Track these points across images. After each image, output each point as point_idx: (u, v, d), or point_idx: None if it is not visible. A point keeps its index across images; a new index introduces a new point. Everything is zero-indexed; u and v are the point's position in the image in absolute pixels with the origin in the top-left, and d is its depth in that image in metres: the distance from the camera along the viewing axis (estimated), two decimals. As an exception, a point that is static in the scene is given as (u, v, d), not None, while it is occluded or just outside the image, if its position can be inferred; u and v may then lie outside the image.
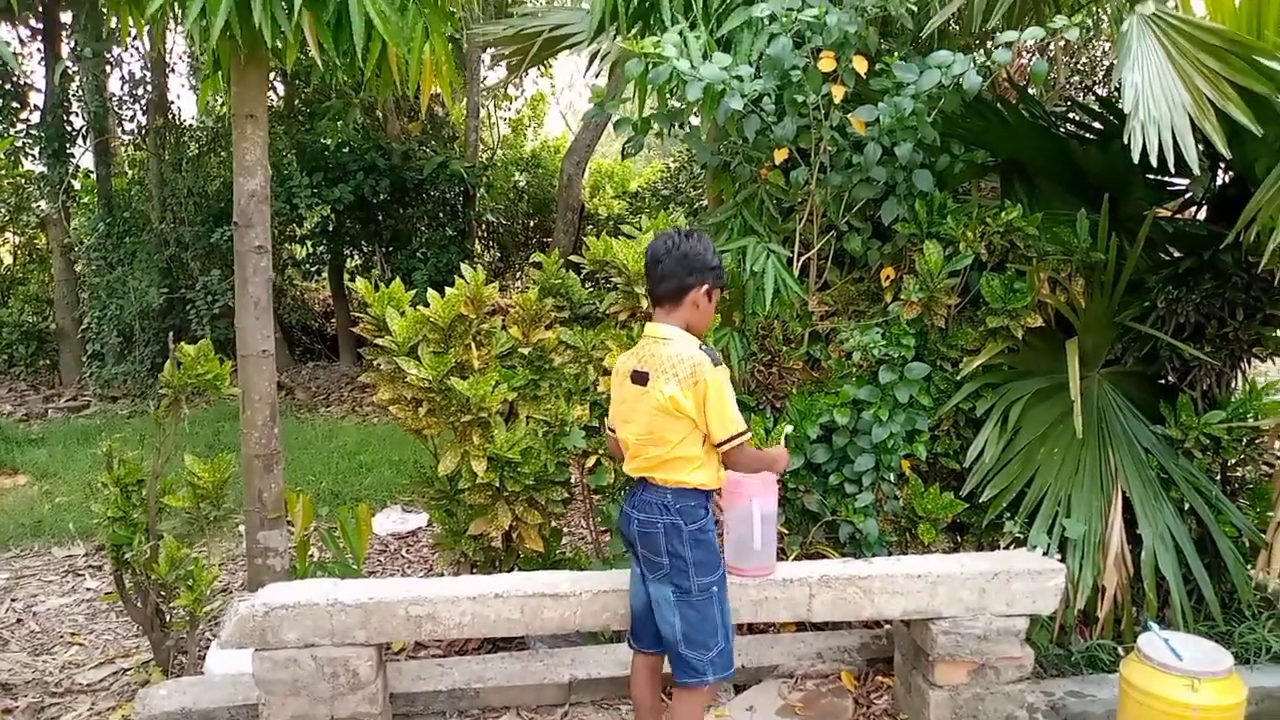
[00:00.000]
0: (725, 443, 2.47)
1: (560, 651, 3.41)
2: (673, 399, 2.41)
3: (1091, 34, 5.01)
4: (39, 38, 9.74)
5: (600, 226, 11.19)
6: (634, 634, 2.73)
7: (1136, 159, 2.77)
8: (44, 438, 7.55)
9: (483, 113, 11.90)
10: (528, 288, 3.57)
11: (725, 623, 2.56)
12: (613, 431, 2.69)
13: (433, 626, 2.83)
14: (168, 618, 3.40)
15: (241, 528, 4.14)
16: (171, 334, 3.52)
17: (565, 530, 4.55)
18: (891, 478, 3.47)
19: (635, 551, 2.61)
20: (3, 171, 10.47)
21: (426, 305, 3.34)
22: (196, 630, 3.39)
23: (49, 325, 10.28)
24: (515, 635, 3.27)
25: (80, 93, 9.39)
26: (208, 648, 3.52)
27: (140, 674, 3.59)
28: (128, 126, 9.93)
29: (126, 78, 9.60)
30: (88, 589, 4.54)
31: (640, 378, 2.49)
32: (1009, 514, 3.42)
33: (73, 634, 4.03)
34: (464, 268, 3.47)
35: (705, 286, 2.49)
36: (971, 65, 3.16)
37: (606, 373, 3.40)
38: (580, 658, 3.36)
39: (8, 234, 11.70)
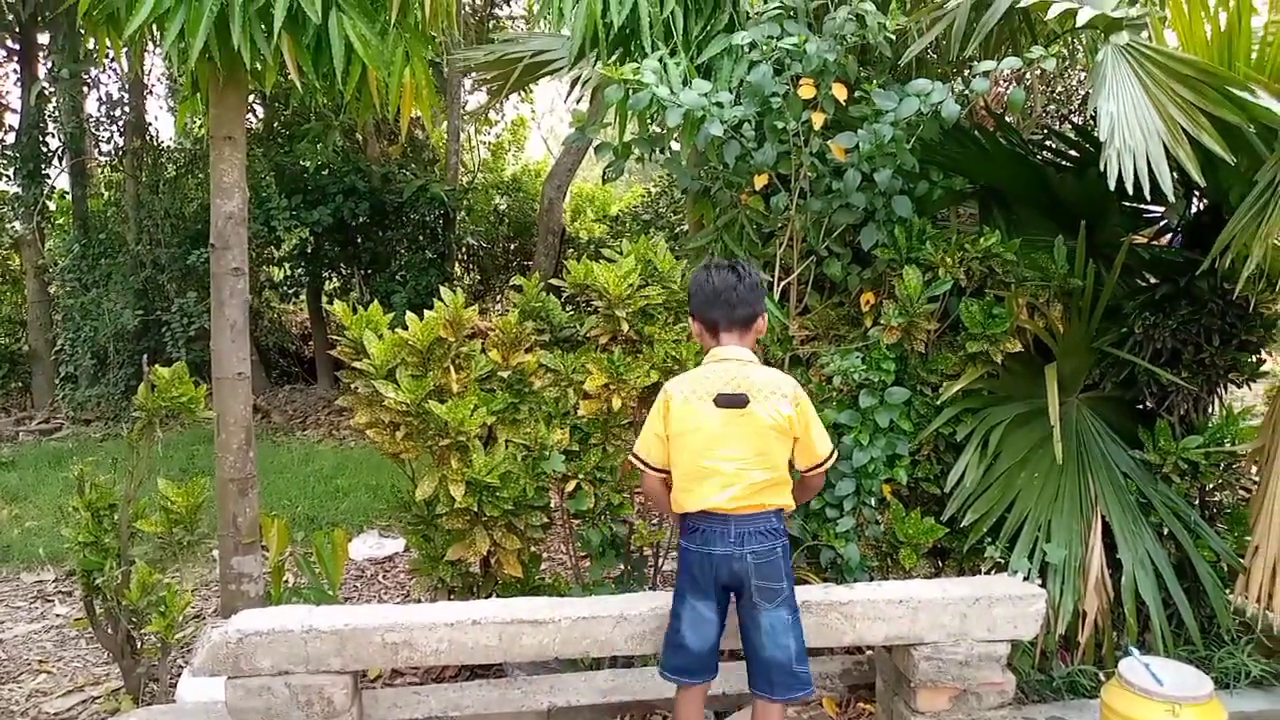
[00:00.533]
0: (822, 463, 2.63)
1: (539, 679, 3.37)
2: (789, 419, 2.52)
3: (1067, 63, 5.07)
4: (15, 58, 9.70)
5: (581, 250, 11.21)
6: (690, 671, 2.64)
7: (1113, 186, 2.80)
8: (14, 461, 7.44)
9: (463, 136, 11.92)
10: (507, 311, 3.56)
11: None
12: (660, 470, 2.62)
13: (409, 654, 2.79)
14: (139, 644, 3.34)
15: (215, 553, 4.08)
16: (146, 356, 3.48)
17: (544, 556, 4.52)
18: (872, 502, 3.47)
19: (732, 589, 2.58)
20: (-23, 192, 10.38)
21: (405, 328, 3.31)
22: (168, 657, 3.33)
23: (22, 347, 10.16)
24: (493, 662, 3.24)
25: (56, 113, 9.34)
26: (179, 675, 3.45)
27: (110, 702, 3.51)
28: (104, 148, 9.90)
29: (104, 99, 9.57)
30: (57, 615, 4.46)
31: (735, 400, 2.51)
32: (990, 539, 3.42)
33: (41, 661, 3.95)
34: (443, 291, 3.45)
35: (764, 312, 2.69)
36: (950, 94, 3.19)
37: (587, 396, 3.38)
38: (559, 685, 3.32)
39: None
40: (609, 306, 3.43)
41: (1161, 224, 3.95)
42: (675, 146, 3.78)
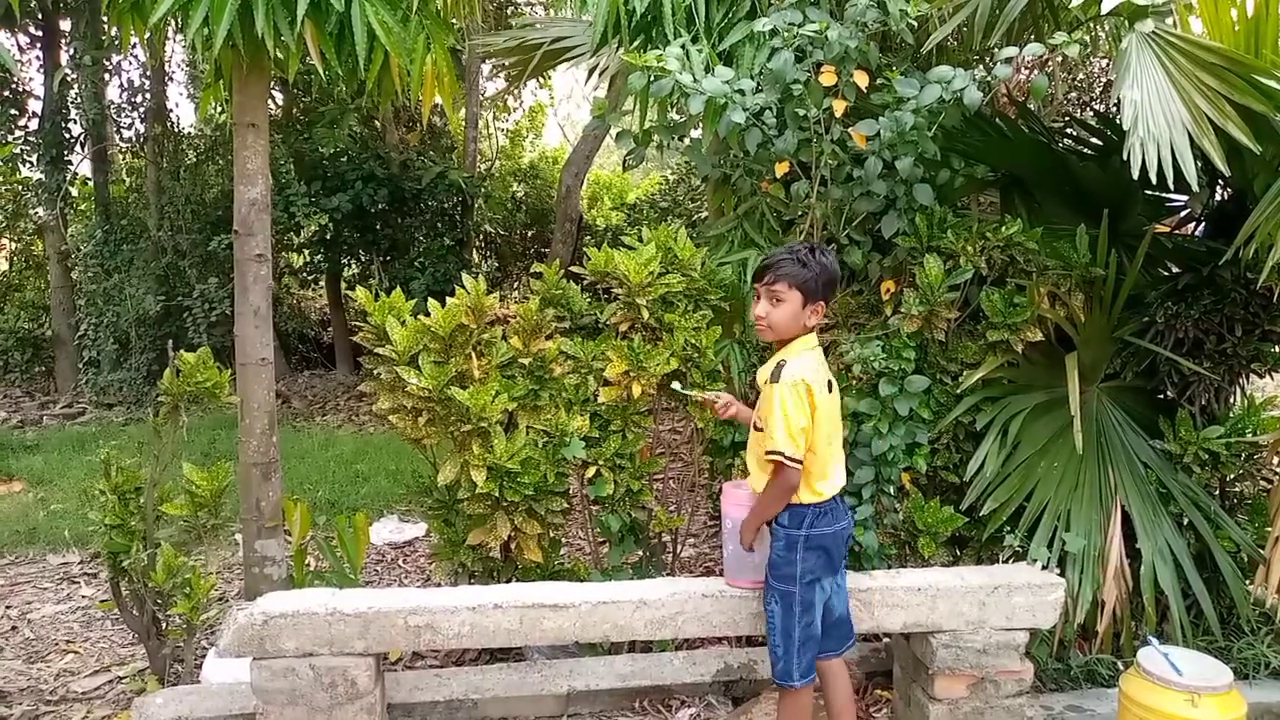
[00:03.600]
0: None
1: (558, 663, 3.40)
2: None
3: (1089, 51, 5.03)
4: (38, 45, 9.75)
5: (598, 238, 11.22)
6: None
7: (1136, 175, 2.78)
8: (39, 444, 7.52)
9: (481, 123, 11.92)
10: (526, 298, 3.57)
11: None
12: (798, 461, 2.55)
13: (431, 636, 2.82)
14: (164, 626, 3.39)
15: (239, 536, 4.13)
16: (171, 341, 3.51)
17: (564, 541, 4.54)
18: (891, 490, 3.47)
19: (836, 562, 2.73)
20: (1, 178, 10.46)
21: (426, 315, 3.34)
22: (193, 639, 3.38)
23: (45, 332, 10.26)
24: (514, 646, 3.27)
25: (79, 100, 9.39)
26: (204, 656, 3.51)
27: (136, 682, 3.57)
28: (126, 134, 9.94)
29: (125, 85, 9.61)
30: (83, 596, 4.52)
31: (834, 384, 2.69)
32: (1009, 528, 3.41)
33: (68, 642, 4.01)
34: (465, 278, 3.47)
35: None
36: (972, 81, 3.18)
37: (607, 383, 3.40)
38: (578, 669, 3.35)
39: (5, 240, 11.69)
40: (629, 294, 3.44)
41: (1185, 213, 3.92)
42: (696, 134, 3.78)
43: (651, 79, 3.35)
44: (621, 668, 3.39)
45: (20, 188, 10.55)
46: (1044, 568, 3.19)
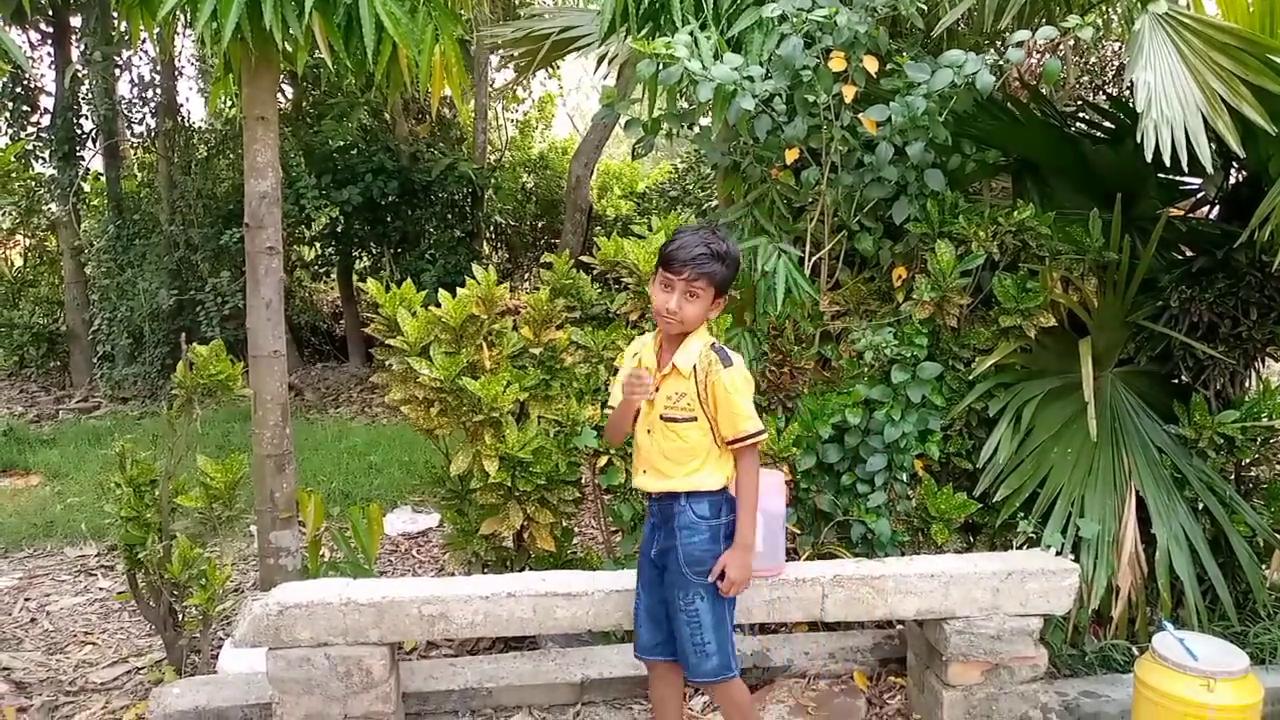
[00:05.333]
0: None
1: (572, 651, 3.41)
2: None
3: (1101, 33, 4.99)
4: (49, 41, 9.77)
5: (608, 227, 11.20)
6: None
7: (1149, 158, 2.76)
8: (55, 438, 7.57)
9: (490, 114, 11.91)
10: (536, 288, 3.57)
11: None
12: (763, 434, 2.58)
13: (445, 626, 2.83)
14: (180, 617, 3.41)
15: (253, 528, 4.15)
16: (184, 335, 3.53)
17: (576, 530, 4.55)
18: (904, 477, 3.46)
19: None
20: (13, 174, 10.50)
21: (437, 306, 3.34)
22: (209, 629, 3.40)
23: (59, 327, 10.30)
24: (527, 635, 3.28)
25: (90, 96, 9.41)
26: (220, 647, 3.53)
27: (153, 673, 3.60)
28: (137, 129, 9.96)
29: (135, 81, 9.63)
30: (100, 588, 4.56)
31: None
32: (1023, 514, 3.40)
33: (86, 633, 4.04)
34: (475, 269, 3.48)
35: None
36: (984, 65, 3.16)
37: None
38: (592, 657, 3.35)
39: (18, 236, 11.74)
40: (639, 283, 3.44)
41: (1199, 195, 3.89)
42: (705, 122, 3.77)
43: (660, 67, 3.34)
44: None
45: (33, 184, 10.59)
46: (1058, 553, 3.18)
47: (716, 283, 2.44)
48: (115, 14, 8.48)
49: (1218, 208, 3.89)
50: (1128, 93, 3.25)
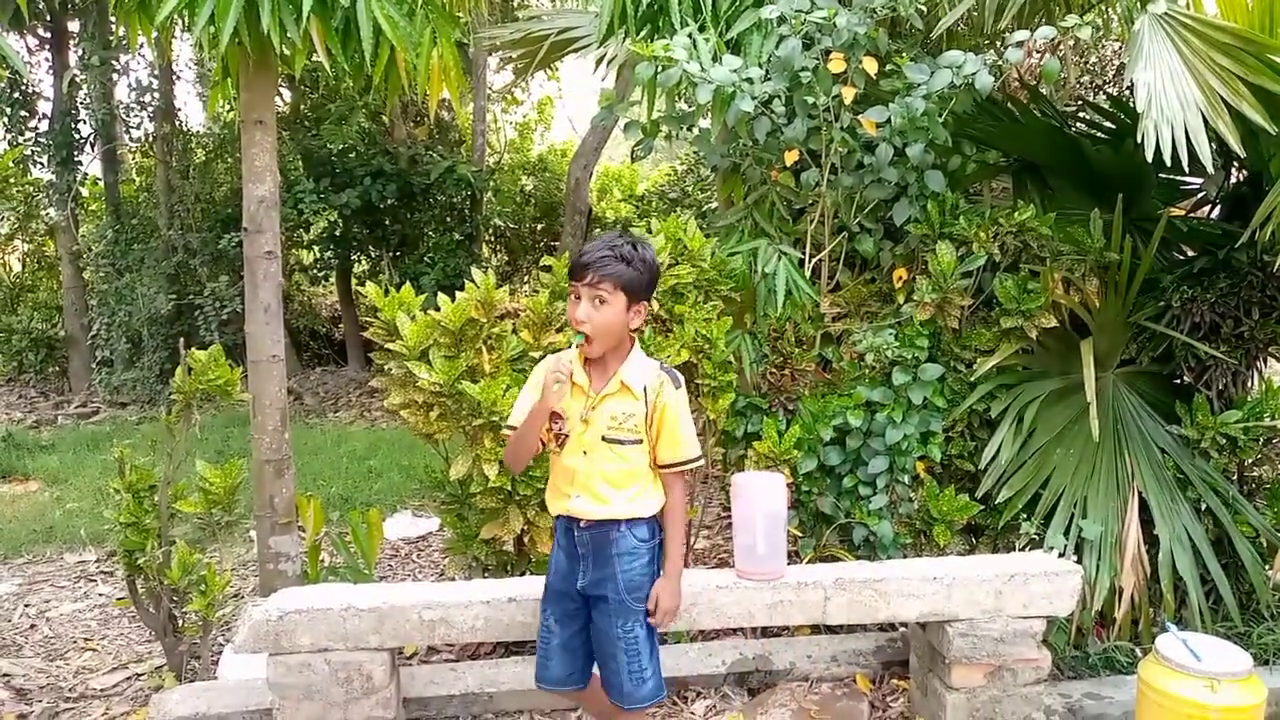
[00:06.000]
0: None
1: (573, 656, 3.39)
2: None
3: (1101, 33, 4.99)
4: (47, 46, 9.78)
5: (608, 230, 11.18)
6: None
7: (1150, 158, 2.76)
8: (54, 444, 7.56)
9: (489, 117, 11.91)
10: (536, 291, 3.56)
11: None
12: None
13: (446, 630, 2.82)
14: (180, 623, 3.40)
15: (253, 533, 4.14)
16: (183, 340, 3.52)
17: (576, 534, 4.53)
18: (906, 479, 3.46)
19: None
20: (12, 179, 10.50)
21: (436, 310, 3.33)
22: (209, 635, 3.39)
23: (58, 332, 10.30)
24: (528, 639, 3.26)
25: (88, 100, 9.41)
26: (220, 653, 3.52)
27: (153, 679, 3.58)
28: (135, 134, 9.95)
29: (133, 85, 9.62)
30: (100, 594, 4.54)
31: None
32: (1025, 515, 3.40)
33: (86, 639, 4.02)
34: (474, 272, 3.46)
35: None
36: (983, 65, 3.15)
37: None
38: (594, 662, 3.34)
39: (17, 241, 11.74)
40: (639, 285, 3.42)
41: (1200, 195, 3.89)
42: (704, 124, 3.76)
43: (659, 69, 3.33)
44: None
45: (31, 189, 10.59)
46: (1061, 555, 3.17)
47: (624, 285, 2.32)
48: (113, 18, 8.49)
49: (1219, 207, 3.89)
50: (1128, 93, 3.25)
